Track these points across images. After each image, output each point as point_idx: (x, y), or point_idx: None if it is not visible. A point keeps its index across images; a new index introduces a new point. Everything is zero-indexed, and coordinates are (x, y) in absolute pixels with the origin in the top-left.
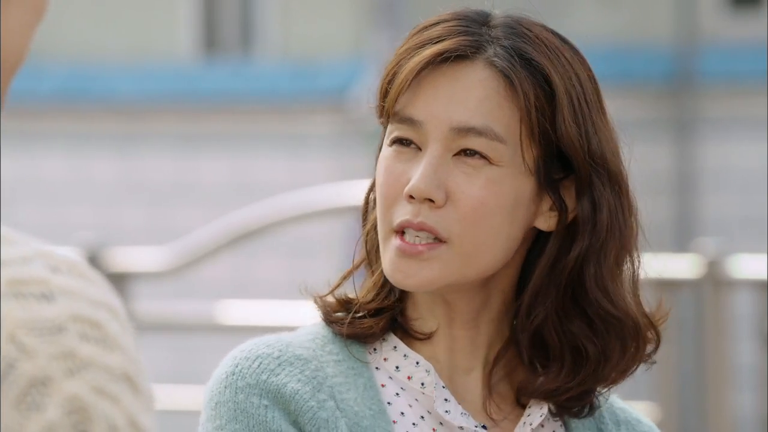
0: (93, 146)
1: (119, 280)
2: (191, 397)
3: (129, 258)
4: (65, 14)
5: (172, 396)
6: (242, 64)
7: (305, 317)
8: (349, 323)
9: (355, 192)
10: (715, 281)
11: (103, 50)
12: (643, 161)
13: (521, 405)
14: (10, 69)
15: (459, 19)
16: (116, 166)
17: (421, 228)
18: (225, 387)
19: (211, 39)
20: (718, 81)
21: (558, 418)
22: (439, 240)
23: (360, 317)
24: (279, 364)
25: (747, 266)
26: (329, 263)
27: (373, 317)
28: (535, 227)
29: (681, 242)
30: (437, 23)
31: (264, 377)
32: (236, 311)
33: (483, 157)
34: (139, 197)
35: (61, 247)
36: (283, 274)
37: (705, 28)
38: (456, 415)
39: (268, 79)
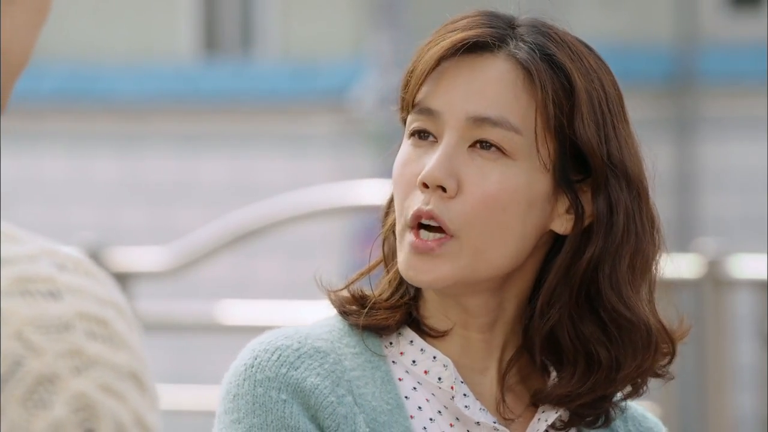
0: (93, 146)
1: (119, 280)
2: (191, 397)
3: (129, 258)
4: (66, 14)
5: (172, 396)
6: (242, 65)
7: (305, 317)
8: (365, 315)
9: (354, 192)
10: (715, 281)
11: (103, 50)
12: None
13: (534, 406)
14: (14, 70)
15: (484, 15)
16: (117, 166)
17: (429, 216)
18: (244, 379)
19: (211, 39)
20: (719, 81)
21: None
22: (447, 234)
23: (375, 310)
24: (298, 357)
25: (747, 266)
26: (329, 263)
27: (389, 310)
28: (551, 231)
29: (681, 242)
30: (462, 18)
31: (284, 371)
32: (236, 311)
33: (498, 149)
34: (139, 197)
35: (64, 246)
36: (283, 274)
37: (705, 28)
38: (475, 410)
39: (268, 80)
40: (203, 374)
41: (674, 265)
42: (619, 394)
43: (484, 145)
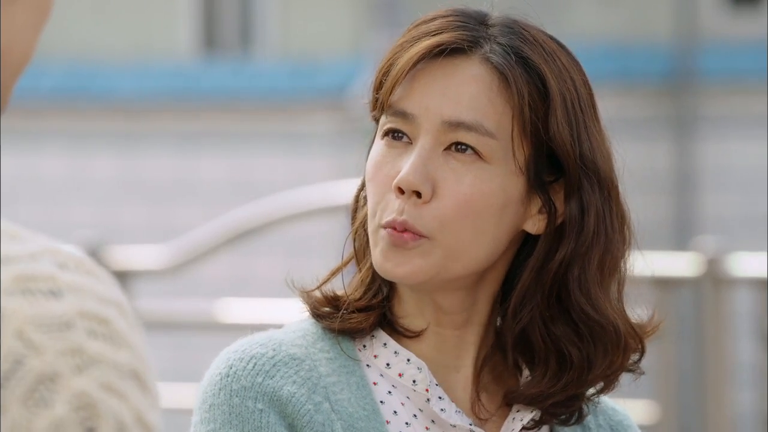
0: (93, 144)
1: (119, 278)
2: (190, 395)
3: (128, 256)
4: (65, 12)
5: (171, 394)
6: (242, 63)
7: (304, 315)
8: (339, 318)
9: (353, 190)
10: (714, 279)
11: (103, 48)
12: (642, 159)
13: (508, 406)
14: (15, 69)
15: (457, 15)
16: (116, 164)
17: (403, 228)
18: (219, 389)
19: (210, 37)
20: (718, 79)
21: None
22: (421, 236)
23: (349, 313)
24: (274, 365)
25: (746, 264)
26: (327, 261)
27: (362, 312)
28: (523, 230)
29: (681, 240)
30: (435, 18)
31: (259, 380)
32: (235, 309)
33: (474, 152)
34: (138, 195)
35: (65, 245)
36: (281, 272)
37: (705, 27)
38: (451, 413)
39: (268, 78)
40: (203, 373)
41: (673, 264)
42: (591, 390)
43: (459, 147)
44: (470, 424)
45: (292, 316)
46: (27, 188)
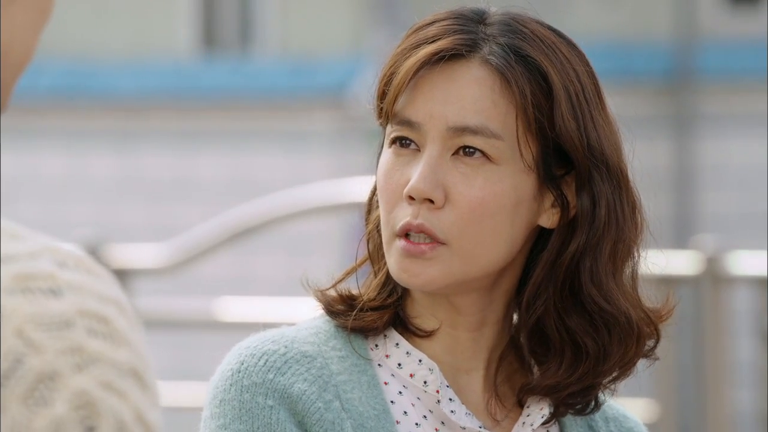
0: (92, 143)
1: (118, 277)
2: (190, 394)
3: (128, 255)
4: (64, 11)
5: (171, 393)
6: (241, 61)
7: (304, 313)
8: (353, 317)
9: (353, 189)
10: (714, 278)
11: (102, 47)
12: (642, 158)
13: (521, 405)
14: (15, 69)
15: (454, 17)
16: (115, 162)
17: (420, 230)
18: (230, 385)
19: (210, 36)
20: (717, 78)
21: (555, 421)
22: (438, 242)
23: (363, 311)
24: (285, 362)
25: (746, 263)
26: (327, 260)
27: (376, 311)
28: (538, 225)
29: (680, 239)
30: (432, 22)
31: (270, 376)
32: (235, 308)
33: (483, 155)
34: (138, 194)
35: (65, 243)
36: (281, 270)
37: (704, 25)
38: (461, 415)
39: (267, 76)
40: (202, 371)
41: (672, 262)
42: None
43: (467, 151)
44: (480, 427)
45: (292, 314)
46: (26, 187)
